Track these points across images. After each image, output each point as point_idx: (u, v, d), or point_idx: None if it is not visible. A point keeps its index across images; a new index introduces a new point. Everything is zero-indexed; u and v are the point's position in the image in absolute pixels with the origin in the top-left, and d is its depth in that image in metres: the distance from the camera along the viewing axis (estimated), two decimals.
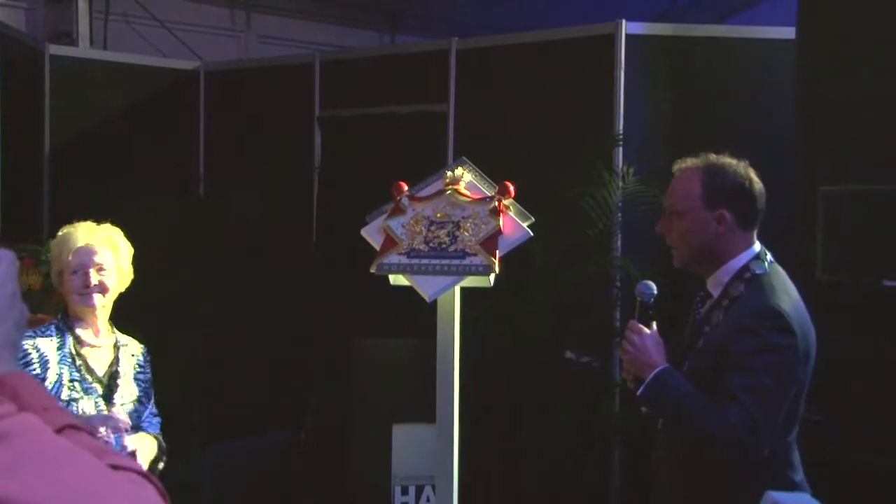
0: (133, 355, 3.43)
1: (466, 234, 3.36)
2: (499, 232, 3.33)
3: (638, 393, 2.81)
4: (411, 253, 3.36)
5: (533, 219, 3.45)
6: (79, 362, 3.25)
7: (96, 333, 3.33)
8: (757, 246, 2.89)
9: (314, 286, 6.19)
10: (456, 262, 3.31)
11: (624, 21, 5.28)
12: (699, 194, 2.85)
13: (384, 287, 3.45)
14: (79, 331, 3.30)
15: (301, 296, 6.20)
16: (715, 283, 2.88)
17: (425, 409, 3.62)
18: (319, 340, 6.16)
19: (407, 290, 3.40)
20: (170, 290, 6.09)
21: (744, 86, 5.35)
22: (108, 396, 3.26)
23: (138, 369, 3.42)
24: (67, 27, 7.08)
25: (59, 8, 7.12)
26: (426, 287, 3.28)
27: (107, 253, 3.32)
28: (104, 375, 3.29)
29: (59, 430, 0.98)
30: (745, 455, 2.66)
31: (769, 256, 2.89)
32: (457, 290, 3.29)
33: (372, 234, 3.49)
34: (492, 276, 3.29)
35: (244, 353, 6.25)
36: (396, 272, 3.37)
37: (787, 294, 2.78)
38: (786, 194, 4.72)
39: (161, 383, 6.05)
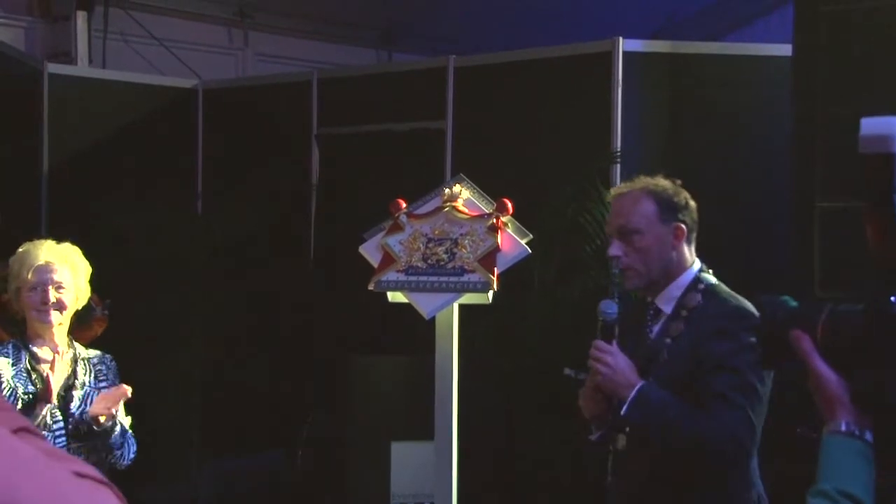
0: (95, 366, 3.47)
1: (464, 251, 3.36)
2: (497, 249, 3.34)
3: (622, 412, 2.77)
4: (409, 270, 3.36)
5: (531, 236, 3.46)
6: (34, 377, 3.32)
7: (54, 349, 3.39)
8: (697, 261, 2.95)
9: (311, 303, 6.19)
10: (454, 279, 3.31)
11: (621, 38, 5.29)
12: (654, 210, 2.90)
13: (382, 304, 3.45)
14: (35, 348, 3.36)
15: (298, 313, 6.19)
16: (666, 299, 2.90)
17: (423, 426, 3.61)
18: (317, 357, 6.14)
19: (405, 307, 3.40)
20: (167, 307, 6.09)
21: (740, 102, 5.36)
22: (64, 408, 3.31)
23: (101, 378, 3.44)
24: (66, 46, 7.09)
25: (57, 27, 7.13)
26: (424, 304, 3.29)
27: (65, 271, 3.39)
28: (61, 388, 3.34)
29: (14, 433, 0.96)
30: (741, 453, 2.67)
31: (711, 271, 2.95)
32: (455, 307, 3.29)
33: (370, 251, 3.50)
34: (490, 293, 3.30)
35: (241, 371, 6.23)
36: (394, 289, 3.37)
37: (744, 300, 2.82)
38: (783, 210, 4.74)
39: (158, 400, 6.07)
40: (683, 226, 2.90)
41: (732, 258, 4.96)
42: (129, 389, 3.32)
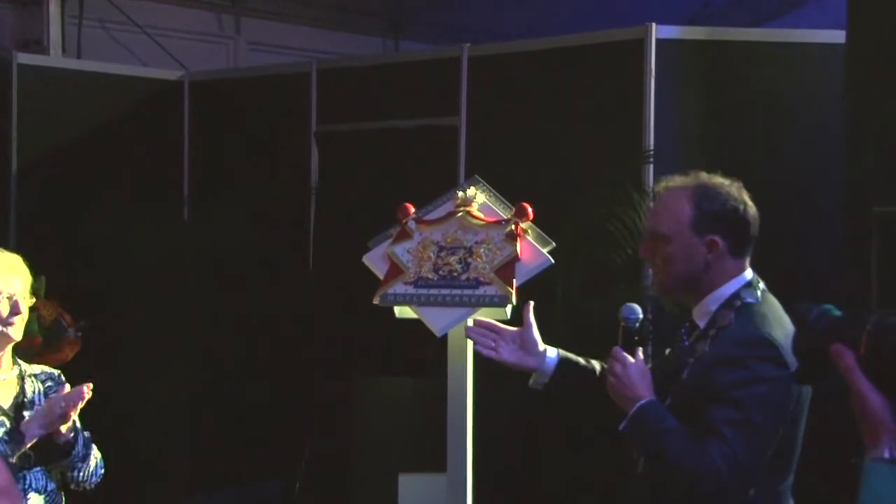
0: (42, 381, 3.45)
1: (480, 260, 3.35)
2: (516, 258, 3.33)
3: (620, 428, 2.79)
4: (419, 282, 3.35)
5: (554, 244, 3.45)
6: None
7: None
8: (749, 273, 2.89)
9: (311, 318, 6.18)
10: (468, 292, 3.30)
11: (654, 24, 5.27)
12: (689, 218, 2.85)
13: (389, 320, 3.43)
14: None
15: (296, 329, 6.19)
16: (702, 313, 2.88)
17: (434, 456, 3.60)
18: (317, 378, 6.14)
19: (414, 324, 3.38)
20: (151, 323, 6.09)
21: (786, 95, 5.33)
22: (18, 429, 3.28)
23: (50, 395, 3.42)
24: (37, 34, 7.09)
25: (27, 13, 7.14)
26: (436, 320, 3.27)
27: (20, 282, 3.36)
28: (10, 408, 3.32)
29: None
30: (725, 495, 2.64)
31: (762, 285, 2.89)
32: (470, 322, 3.27)
33: (375, 261, 3.49)
34: (508, 308, 3.28)
35: (233, 394, 6.23)
36: (402, 303, 3.36)
37: (781, 324, 2.75)
38: (835, 216, 4.71)
39: (142, 426, 6.07)
40: (721, 240, 2.83)
41: (777, 266, 4.94)
42: (89, 387, 3.22)
